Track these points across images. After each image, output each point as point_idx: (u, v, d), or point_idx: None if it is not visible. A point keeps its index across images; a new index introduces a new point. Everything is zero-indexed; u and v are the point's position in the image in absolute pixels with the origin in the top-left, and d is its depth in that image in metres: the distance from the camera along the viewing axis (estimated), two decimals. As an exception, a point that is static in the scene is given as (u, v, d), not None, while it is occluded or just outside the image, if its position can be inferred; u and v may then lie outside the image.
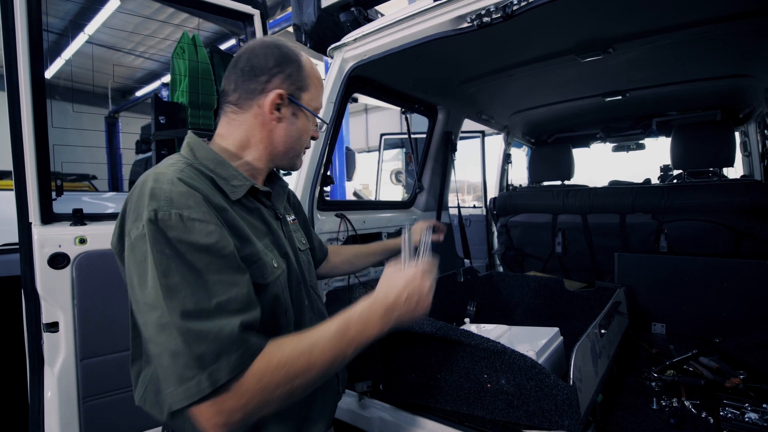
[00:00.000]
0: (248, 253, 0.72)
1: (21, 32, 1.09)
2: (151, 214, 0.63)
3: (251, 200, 0.82)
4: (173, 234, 0.62)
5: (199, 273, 0.62)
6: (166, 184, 0.66)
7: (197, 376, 0.57)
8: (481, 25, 1.23)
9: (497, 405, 1.03)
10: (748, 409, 1.05)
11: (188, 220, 0.64)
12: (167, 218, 0.63)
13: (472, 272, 2.03)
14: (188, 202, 0.65)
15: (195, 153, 0.79)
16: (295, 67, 0.83)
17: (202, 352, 0.58)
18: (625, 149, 3.18)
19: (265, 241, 0.79)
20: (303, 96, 0.85)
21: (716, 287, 1.71)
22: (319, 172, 1.61)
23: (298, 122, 0.86)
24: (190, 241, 0.63)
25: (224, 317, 0.61)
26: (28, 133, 1.10)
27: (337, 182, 5.18)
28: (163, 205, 0.64)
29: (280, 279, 0.78)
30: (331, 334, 0.69)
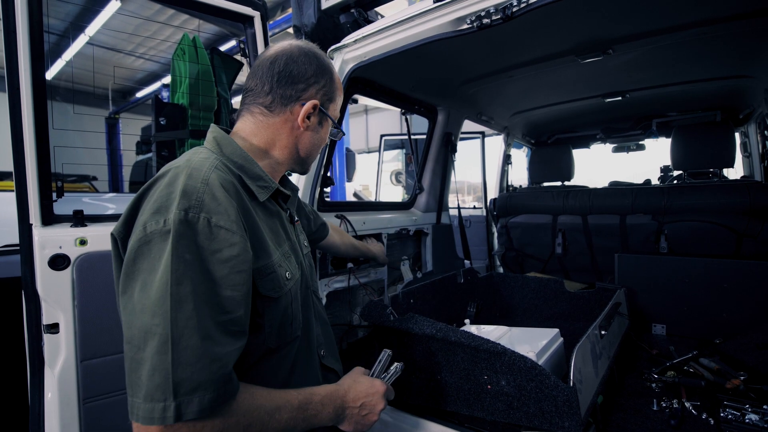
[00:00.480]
0: (263, 265, 0.70)
1: (22, 34, 1.09)
2: (182, 214, 0.60)
3: (273, 203, 0.82)
4: (199, 240, 0.60)
5: (212, 286, 0.60)
6: (200, 183, 0.64)
7: (166, 402, 0.54)
8: (481, 26, 1.24)
9: (497, 406, 1.03)
10: (749, 411, 1.05)
11: (215, 227, 0.61)
12: (195, 221, 0.60)
13: (472, 273, 2.03)
14: (219, 208, 0.63)
15: (222, 148, 0.77)
16: (329, 78, 0.85)
17: (183, 378, 0.55)
18: (625, 150, 3.19)
19: (284, 248, 0.79)
20: (331, 107, 0.87)
21: (717, 288, 1.70)
22: (319, 173, 1.61)
23: (322, 131, 0.87)
24: (213, 249, 0.61)
25: (221, 345, 0.59)
26: (29, 135, 1.10)
27: (338, 183, 5.18)
28: (194, 205, 0.61)
29: (291, 290, 0.77)
30: (294, 406, 0.69)
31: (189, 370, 0.55)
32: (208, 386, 0.56)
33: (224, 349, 0.59)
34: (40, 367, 1.13)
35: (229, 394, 0.59)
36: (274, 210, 0.81)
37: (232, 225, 0.63)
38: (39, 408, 1.13)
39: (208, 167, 0.67)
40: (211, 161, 0.70)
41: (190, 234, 0.60)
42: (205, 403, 0.56)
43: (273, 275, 0.71)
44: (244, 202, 0.70)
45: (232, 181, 0.70)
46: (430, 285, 1.78)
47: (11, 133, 1.09)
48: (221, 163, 0.72)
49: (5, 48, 1.09)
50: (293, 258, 0.81)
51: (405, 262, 2.30)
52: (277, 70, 0.80)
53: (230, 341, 0.61)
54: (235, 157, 0.76)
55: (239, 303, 0.63)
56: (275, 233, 0.78)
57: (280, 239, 0.79)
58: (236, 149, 0.77)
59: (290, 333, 0.78)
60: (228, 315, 0.61)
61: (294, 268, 0.79)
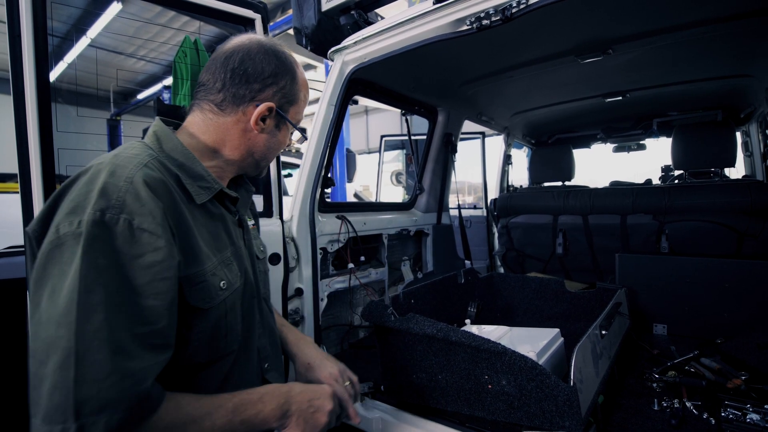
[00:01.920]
0: (192, 273, 0.64)
1: (26, 37, 1.10)
2: (97, 214, 0.55)
3: (217, 205, 0.75)
4: (117, 243, 0.55)
5: (131, 294, 0.55)
6: (123, 182, 0.58)
7: (66, 424, 0.48)
8: (481, 27, 1.24)
9: (498, 406, 1.03)
10: (750, 410, 1.05)
11: (137, 230, 0.56)
12: (113, 223, 0.55)
13: (473, 273, 2.04)
14: (143, 209, 0.57)
15: (162, 143, 0.71)
16: (289, 79, 0.79)
17: (87, 397, 0.49)
18: (625, 150, 3.18)
19: (225, 254, 0.73)
20: (290, 110, 0.81)
21: (718, 288, 1.70)
22: (319, 174, 1.62)
23: (279, 135, 0.82)
24: (134, 254, 0.56)
25: (137, 359, 0.54)
26: (34, 137, 1.11)
27: (338, 184, 5.18)
28: (113, 205, 0.56)
29: (227, 301, 0.70)
30: (229, 409, 0.65)
31: (95, 388, 0.50)
32: (117, 405, 0.51)
33: (140, 364, 0.54)
34: (43, 368, 1.13)
35: (146, 411, 0.55)
36: (217, 212, 0.75)
37: (157, 228, 0.58)
38: (43, 408, 1.13)
39: (136, 164, 0.62)
40: (141, 158, 0.64)
41: (107, 237, 0.55)
42: (113, 424, 0.50)
43: (204, 284, 0.66)
44: (177, 203, 0.64)
45: (163, 179, 0.63)
46: (430, 285, 1.78)
47: (16, 135, 1.10)
48: (156, 160, 0.66)
49: (10, 51, 1.10)
50: (235, 265, 0.74)
51: (405, 263, 2.31)
52: (231, 67, 0.74)
53: (149, 355, 0.56)
54: (174, 154, 0.70)
55: (162, 313, 0.57)
56: (216, 238, 0.72)
57: (221, 244, 0.73)
58: (177, 146, 0.71)
59: (223, 347, 0.71)
60: (149, 326, 0.56)
61: (234, 277, 0.73)
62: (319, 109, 1.65)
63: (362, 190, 7.69)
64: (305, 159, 1.63)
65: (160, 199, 0.61)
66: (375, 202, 3.67)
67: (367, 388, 1.30)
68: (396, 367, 1.22)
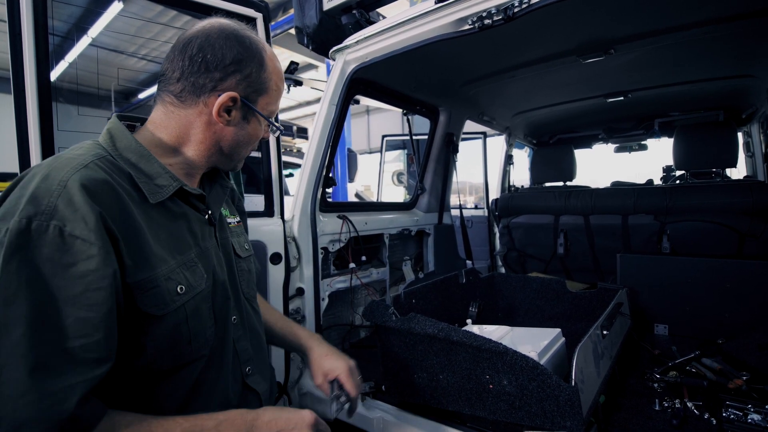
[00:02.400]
0: (142, 279, 0.60)
1: (27, 36, 1.10)
2: (22, 222, 0.51)
3: (179, 204, 0.70)
4: (44, 252, 0.51)
5: (60, 306, 0.51)
6: (56, 186, 0.54)
7: None
8: (483, 27, 1.24)
9: (499, 406, 1.03)
10: (751, 411, 1.04)
11: (69, 237, 0.52)
12: (42, 230, 0.52)
13: (474, 273, 2.04)
14: (75, 215, 0.53)
15: (115, 142, 0.67)
16: (255, 67, 0.71)
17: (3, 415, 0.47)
18: (627, 150, 3.18)
19: (187, 256, 0.68)
20: (260, 100, 0.73)
21: (719, 288, 1.70)
22: (321, 174, 1.62)
23: (249, 127, 0.74)
24: (66, 262, 0.52)
25: (64, 375, 0.50)
26: (34, 136, 1.11)
27: (339, 184, 5.19)
28: (42, 211, 0.52)
29: (186, 306, 0.65)
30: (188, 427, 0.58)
31: (9, 407, 0.47)
32: (34, 426, 0.47)
33: (64, 382, 0.50)
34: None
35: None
36: (179, 211, 0.70)
37: (90, 234, 0.53)
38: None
39: (75, 165, 0.57)
40: (84, 158, 0.59)
41: (33, 246, 0.51)
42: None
43: (156, 290, 0.61)
44: (124, 205, 0.60)
45: (107, 180, 0.59)
46: (432, 285, 1.78)
47: (17, 134, 1.10)
48: (104, 160, 0.62)
49: (11, 50, 1.10)
50: (200, 267, 0.69)
51: (407, 263, 2.31)
52: (189, 54, 0.68)
53: (79, 371, 0.51)
54: (127, 153, 0.66)
55: (97, 325, 0.53)
56: (176, 239, 0.67)
57: (183, 245, 0.68)
58: (131, 144, 0.67)
59: (189, 353, 0.66)
60: (80, 340, 0.52)
61: (197, 279, 0.68)
62: (320, 109, 1.65)
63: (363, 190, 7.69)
64: (306, 158, 1.63)
65: (97, 203, 0.56)
66: (376, 202, 3.67)
67: (368, 387, 1.30)
68: (397, 366, 1.22)
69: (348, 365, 0.91)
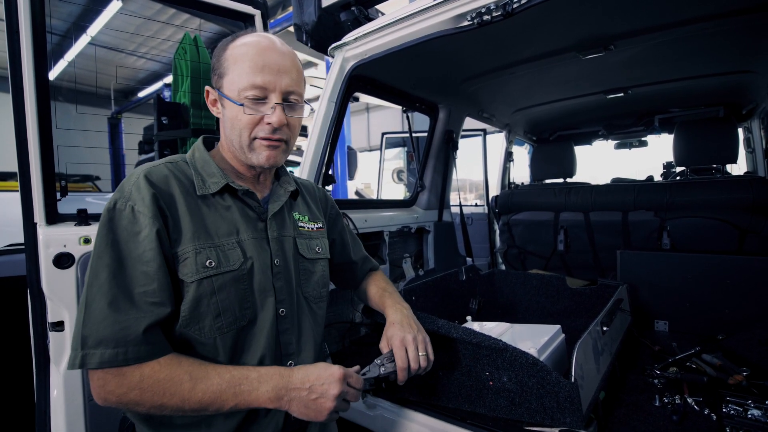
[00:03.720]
0: (179, 250, 0.74)
1: (25, 34, 1.10)
2: (111, 203, 0.73)
3: (226, 198, 0.83)
4: (122, 223, 0.71)
5: (129, 261, 0.70)
6: (134, 178, 0.75)
7: (76, 350, 0.66)
8: (482, 23, 1.23)
9: (499, 402, 1.03)
10: (751, 406, 1.04)
11: (137, 212, 0.72)
12: (122, 208, 0.72)
13: (474, 270, 2.04)
14: (139, 196, 0.73)
15: (194, 154, 0.87)
16: (217, 58, 0.82)
17: (88, 333, 0.66)
18: (627, 146, 3.18)
19: (226, 240, 0.79)
20: (224, 82, 0.81)
21: (719, 284, 1.70)
22: (320, 171, 1.62)
23: (227, 112, 0.82)
24: (134, 231, 0.71)
25: (130, 310, 0.67)
26: (33, 134, 1.11)
27: (339, 181, 5.18)
28: (123, 196, 0.73)
29: (214, 280, 0.75)
30: (225, 378, 0.70)
31: (94, 328, 0.66)
32: (109, 343, 0.65)
33: (128, 316, 0.67)
34: (45, 365, 1.14)
35: (139, 355, 0.67)
36: (225, 205, 0.82)
37: (145, 209, 0.72)
38: (45, 405, 1.14)
39: (152, 165, 0.79)
40: (159, 162, 0.81)
41: (116, 219, 0.71)
42: (105, 356, 0.65)
43: (188, 260, 0.74)
44: (172, 192, 0.76)
45: (167, 175, 0.78)
46: (432, 282, 1.78)
47: (15, 132, 1.10)
48: (175, 164, 0.82)
49: (8, 48, 1.09)
50: (237, 251, 0.79)
51: (407, 260, 2.31)
52: None
53: (140, 310, 0.68)
54: (198, 161, 0.85)
55: (152, 277, 0.70)
56: (218, 226, 0.79)
57: (223, 231, 0.79)
58: (201, 155, 0.86)
59: (215, 329, 0.75)
60: (142, 287, 0.69)
61: (230, 260, 0.77)
62: (319, 106, 1.65)
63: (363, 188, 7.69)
64: (306, 156, 1.63)
65: (153, 188, 0.74)
66: (376, 200, 3.67)
67: (369, 385, 1.30)
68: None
69: (402, 336, 0.91)
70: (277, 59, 0.80)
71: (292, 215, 0.93)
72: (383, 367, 0.88)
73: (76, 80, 1.70)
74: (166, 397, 0.67)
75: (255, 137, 0.81)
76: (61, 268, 1.14)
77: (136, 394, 0.66)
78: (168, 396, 0.67)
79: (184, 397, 0.68)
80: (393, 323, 0.96)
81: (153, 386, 0.67)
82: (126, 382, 0.66)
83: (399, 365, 0.88)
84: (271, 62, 0.79)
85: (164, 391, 0.67)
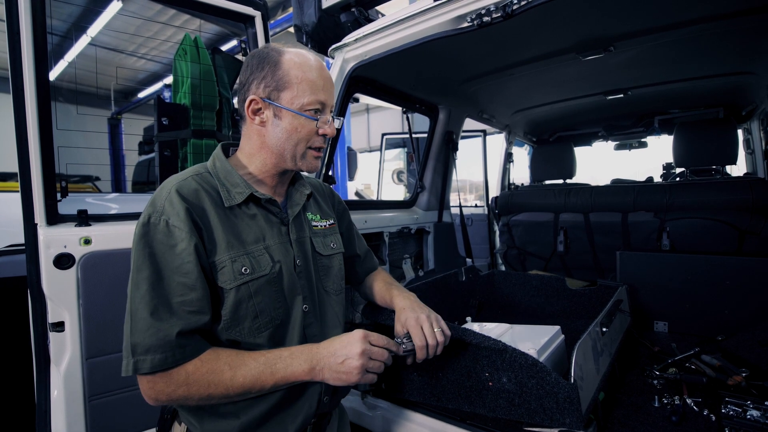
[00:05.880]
0: (215, 260, 0.79)
1: (26, 35, 1.10)
2: (145, 218, 0.76)
3: (251, 207, 0.87)
4: (158, 237, 0.75)
5: (166, 273, 0.74)
6: (166, 193, 0.78)
7: (128, 358, 0.71)
8: (482, 24, 1.24)
9: (499, 403, 1.03)
10: (750, 407, 1.05)
11: (171, 226, 0.75)
12: (157, 223, 0.75)
13: (474, 271, 2.04)
14: (173, 211, 0.76)
15: (215, 163, 0.89)
16: (270, 69, 0.84)
17: (137, 342, 0.71)
18: (627, 147, 3.18)
19: (255, 247, 0.84)
20: (282, 96, 0.84)
21: (719, 285, 1.70)
22: (321, 172, 1.62)
23: (283, 123, 0.85)
24: (170, 244, 0.75)
25: (170, 319, 0.72)
26: (34, 135, 1.11)
27: (339, 182, 5.18)
28: (156, 210, 0.77)
29: (250, 285, 0.81)
30: (261, 361, 0.76)
31: (141, 337, 0.71)
32: (157, 349, 0.70)
33: (169, 324, 0.71)
34: (46, 365, 1.14)
35: (184, 356, 0.72)
36: (250, 213, 0.86)
37: (181, 223, 0.75)
38: (45, 405, 1.14)
39: (178, 179, 0.81)
40: (186, 174, 0.84)
41: (151, 233, 0.75)
42: (156, 361, 0.70)
43: (225, 269, 0.79)
44: (203, 205, 0.80)
45: (197, 189, 0.81)
46: (431, 283, 1.78)
47: (16, 133, 1.10)
48: (201, 176, 0.84)
49: (9, 49, 1.10)
50: (267, 256, 0.84)
51: (407, 261, 2.31)
52: (239, 80, 0.89)
53: (180, 318, 0.72)
54: (220, 171, 0.87)
55: (191, 287, 0.74)
56: (246, 234, 0.84)
57: (251, 239, 0.84)
58: (223, 164, 0.89)
59: (254, 329, 0.81)
60: (180, 297, 0.73)
61: (261, 265, 0.83)
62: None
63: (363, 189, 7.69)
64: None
65: (186, 202, 0.77)
66: (376, 201, 3.67)
67: (369, 385, 1.30)
68: (397, 364, 1.22)
69: (416, 317, 0.95)
70: (329, 78, 0.89)
71: (306, 216, 0.98)
72: (403, 345, 0.91)
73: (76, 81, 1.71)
74: (212, 388, 0.73)
75: (310, 147, 0.89)
76: (61, 269, 1.14)
77: (184, 390, 0.72)
78: (213, 387, 0.73)
79: (227, 385, 0.73)
80: (404, 308, 0.99)
81: (198, 381, 0.73)
82: (173, 381, 0.72)
83: (417, 344, 0.91)
84: (328, 81, 0.89)
85: (209, 384, 0.73)
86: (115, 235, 1.23)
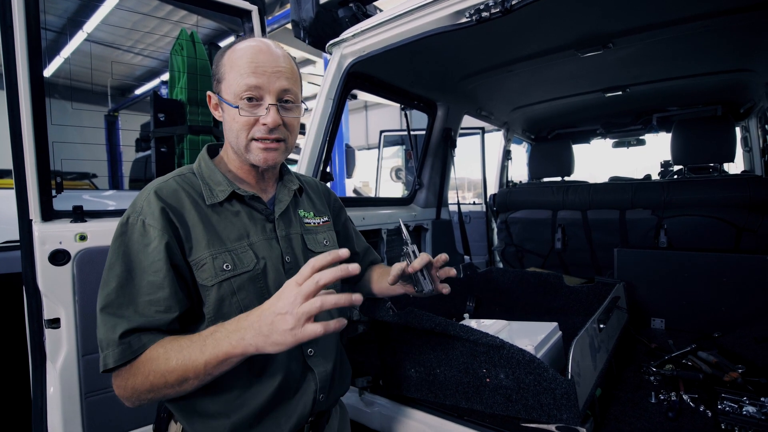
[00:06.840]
0: (196, 257, 0.78)
1: (19, 30, 1.09)
2: (124, 218, 0.78)
3: (235, 204, 0.86)
4: (134, 237, 0.76)
5: (137, 272, 0.74)
6: (146, 194, 0.79)
7: (101, 353, 0.73)
8: (480, 20, 1.23)
9: (496, 399, 1.03)
10: (746, 403, 1.05)
11: (147, 225, 0.76)
12: (134, 223, 0.76)
13: (472, 268, 2.04)
14: (149, 210, 0.77)
15: (200, 164, 0.90)
16: (216, 64, 0.85)
17: (101, 338, 0.73)
18: (625, 145, 3.18)
19: (239, 244, 0.83)
20: (222, 87, 0.84)
21: (716, 282, 1.71)
22: (318, 169, 1.61)
23: (225, 114, 0.85)
24: (145, 243, 0.75)
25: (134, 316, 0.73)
26: (28, 131, 1.10)
27: (337, 179, 5.17)
28: (135, 211, 0.78)
29: (233, 281, 0.79)
30: (192, 340, 0.70)
31: (104, 332, 0.73)
32: (109, 345, 0.72)
33: (132, 321, 0.72)
34: (41, 362, 1.13)
35: (137, 347, 0.72)
36: (234, 210, 0.85)
37: (156, 222, 0.76)
38: (41, 402, 1.14)
39: (161, 180, 0.82)
40: (168, 176, 0.84)
41: (128, 233, 0.76)
42: (116, 354, 0.71)
43: (206, 266, 0.78)
44: (182, 205, 0.80)
45: (176, 189, 0.81)
46: (429, 280, 1.78)
47: (10, 129, 1.09)
48: (183, 176, 0.85)
49: (2, 45, 1.08)
50: (250, 253, 0.83)
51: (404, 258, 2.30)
52: None
53: (141, 315, 0.73)
54: (204, 170, 0.87)
55: (159, 285, 0.74)
56: (229, 231, 0.83)
57: (235, 236, 0.83)
58: (207, 163, 0.89)
59: None
60: (148, 296, 0.74)
61: (244, 262, 0.81)
62: (317, 104, 1.64)
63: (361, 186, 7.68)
64: (303, 154, 1.63)
65: (162, 202, 0.77)
66: (374, 198, 3.67)
67: (366, 382, 1.30)
68: (394, 361, 1.22)
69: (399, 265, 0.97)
70: (270, 61, 0.82)
71: (297, 213, 0.96)
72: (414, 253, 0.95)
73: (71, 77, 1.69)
74: (151, 375, 0.69)
75: (252, 138, 0.83)
76: (56, 265, 1.13)
77: (132, 381, 0.71)
78: (152, 375, 0.69)
79: (163, 370, 0.68)
80: None
81: (139, 369, 0.71)
82: (132, 374, 0.72)
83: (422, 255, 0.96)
84: (265, 64, 0.81)
85: (148, 372, 0.70)
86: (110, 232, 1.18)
